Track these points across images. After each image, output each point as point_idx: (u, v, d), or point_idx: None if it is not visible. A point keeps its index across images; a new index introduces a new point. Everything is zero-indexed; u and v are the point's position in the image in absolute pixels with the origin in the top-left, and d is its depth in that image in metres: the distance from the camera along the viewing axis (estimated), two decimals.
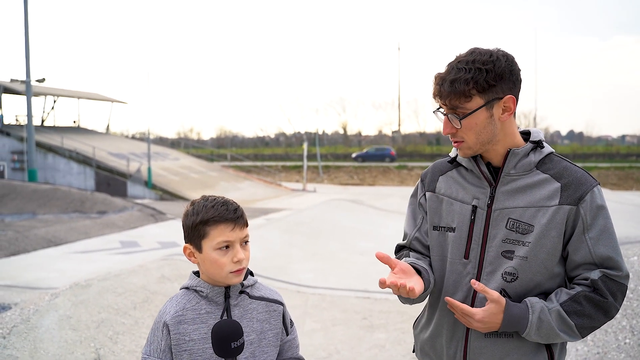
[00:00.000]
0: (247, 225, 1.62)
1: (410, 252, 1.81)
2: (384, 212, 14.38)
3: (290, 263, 7.74)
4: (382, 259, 1.56)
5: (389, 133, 64.08)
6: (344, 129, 65.03)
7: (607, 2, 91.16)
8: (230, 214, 1.57)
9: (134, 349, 4.06)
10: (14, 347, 3.70)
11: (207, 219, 1.57)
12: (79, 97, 34.66)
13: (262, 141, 70.47)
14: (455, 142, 1.65)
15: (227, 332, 1.56)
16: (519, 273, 1.59)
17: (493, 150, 1.66)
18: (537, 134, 1.69)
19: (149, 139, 25.28)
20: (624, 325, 3.77)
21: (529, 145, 1.65)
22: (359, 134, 65.95)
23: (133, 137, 45.87)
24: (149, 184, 22.34)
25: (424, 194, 1.81)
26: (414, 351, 1.90)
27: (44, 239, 10.48)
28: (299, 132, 65.71)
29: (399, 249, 1.91)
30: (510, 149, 1.63)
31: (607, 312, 1.56)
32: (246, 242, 1.62)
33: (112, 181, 23.18)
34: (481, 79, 1.55)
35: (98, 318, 4.32)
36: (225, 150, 51.89)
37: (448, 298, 1.63)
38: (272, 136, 71.39)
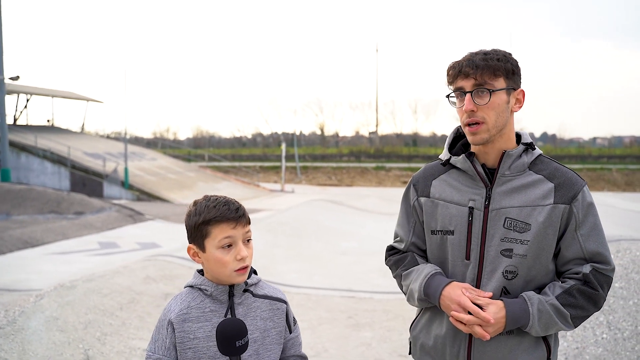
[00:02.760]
0: (249, 223, 1.64)
1: (416, 256, 1.86)
2: (363, 212, 14.49)
3: (274, 263, 7.77)
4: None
5: (366, 134, 64.49)
6: (322, 130, 65.16)
7: (579, 7, 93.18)
8: (232, 213, 1.59)
9: (122, 350, 4.05)
10: (2, 349, 3.66)
11: (210, 219, 1.58)
12: (53, 96, 33.99)
13: (239, 141, 70.12)
14: (472, 124, 1.68)
15: (232, 330, 1.56)
16: (519, 270, 1.66)
17: (492, 149, 1.72)
18: (526, 137, 1.77)
19: (125, 139, 24.94)
20: (601, 320, 3.91)
21: (521, 147, 1.73)
22: (337, 135, 66.14)
23: (108, 137, 45.20)
24: (125, 184, 22.05)
25: (417, 199, 1.84)
26: (410, 353, 1.92)
27: (19, 240, 10.29)
28: (276, 133, 65.59)
29: (391, 249, 1.95)
30: (505, 151, 1.70)
31: (596, 303, 1.66)
32: (249, 240, 1.64)
33: (87, 181, 22.82)
34: (508, 64, 1.67)
35: (85, 319, 4.29)
36: (202, 150, 51.50)
37: (459, 314, 1.63)
38: (249, 136, 71.16)
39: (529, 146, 1.74)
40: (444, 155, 1.84)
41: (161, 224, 13.31)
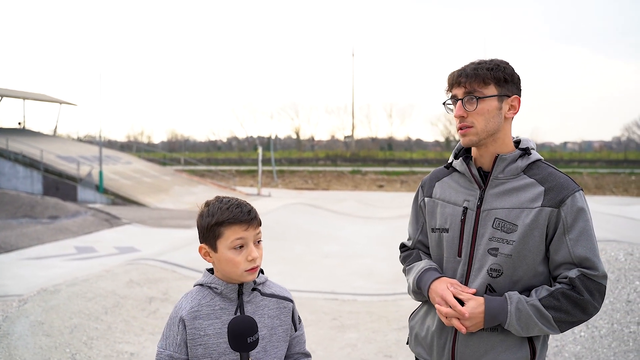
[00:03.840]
0: (260, 225, 1.68)
1: (420, 253, 1.99)
2: (341, 215, 14.57)
3: None
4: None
5: (342, 138, 64.75)
6: (297, 134, 65.23)
7: (554, 13, 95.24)
8: (245, 216, 1.63)
9: (109, 354, 4.03)
10: None
11: (222, 221, 1.61)
12: (24, 98, 33.30)
13: (214, 145, 69.67)
14: (463, 128, 1.79)
15: (244, 327, 1.59)
16: (504, 269, 1.73)
17: (486, 152, 1.82)
18: (526, 142, 1.85)
19: (100, 142, 24.54)
20: None
21: (517, 151, 1.81)
22: (312, 139, 66.28)
23: (81, 140, 44.33)
24: (100, 188, 21.72)
25: (423, 199, 1.97)
26: (407, 343, 2.02)
27: None
28: (252, 137, 65.47)
29: (403, 247, 2.10)
30: (499, 155, 1.79)
31: (584, 309, 1.68)
32: (259, 241, 1.68)
33: (61, 185, 22.40)
34: (499, 73, 1.77)
35: (70, 323, 4.25)
36: (178, 154, 51.02)
37: (440, 307, 1.76)
38: (225, 140, 70.76)
39: (525, 151, 1.81)
40: (450, 159, 1.96)
41: (138, 228, 13.16)
